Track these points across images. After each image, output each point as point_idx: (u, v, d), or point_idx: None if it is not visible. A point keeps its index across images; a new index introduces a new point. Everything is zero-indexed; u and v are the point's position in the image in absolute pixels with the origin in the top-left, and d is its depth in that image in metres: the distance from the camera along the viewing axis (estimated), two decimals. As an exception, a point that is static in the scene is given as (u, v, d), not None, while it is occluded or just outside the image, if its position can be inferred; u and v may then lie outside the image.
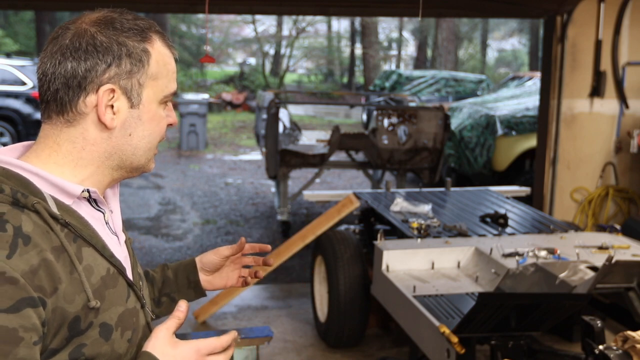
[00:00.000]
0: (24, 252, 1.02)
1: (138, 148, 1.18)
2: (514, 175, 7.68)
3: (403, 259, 3.45)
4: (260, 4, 6.27)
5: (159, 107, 1.20)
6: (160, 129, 1.21)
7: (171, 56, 1.22)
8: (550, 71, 5.63)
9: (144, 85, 1.16)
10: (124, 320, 1.15)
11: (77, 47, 1.12)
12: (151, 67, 1.16)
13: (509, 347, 2.61)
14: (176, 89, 1.24)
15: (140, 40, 1.15)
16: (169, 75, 1.20)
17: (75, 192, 1.13)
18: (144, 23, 1.18)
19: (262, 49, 26.84)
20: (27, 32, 22.43)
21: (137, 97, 1.15)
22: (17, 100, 11.33)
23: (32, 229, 1.04)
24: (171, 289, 1.55)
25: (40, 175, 1.11)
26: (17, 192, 1.06)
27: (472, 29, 29.29)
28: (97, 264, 1.12)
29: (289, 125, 8.26)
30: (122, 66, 1.13)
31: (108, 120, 1.13)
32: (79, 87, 1.12)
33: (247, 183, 9.97)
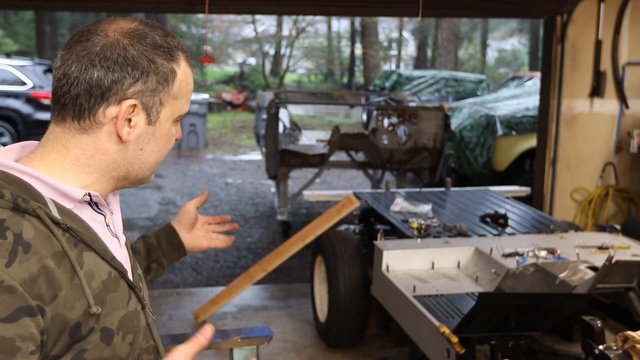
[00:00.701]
0: (24, 260, 1.01)
1: (146, 162, 1.19)
2: (514, 175, 7.68)
3: (403, 259, 3.45)
4: (260, 4, 6.27)
5: (172, 125, 1.20)
6: (170, 145, 1.23)
7: (192, 76, 1.22)
8: (550, 71, 5.63)
9: (164, 104, 1.16)
10: (125, 324, 1.14)
11: (107, 57, 1.10)
12: (174, 86, 1.17)
13: (509, 347, 2.61)
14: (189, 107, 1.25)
15: (169, 59, 1.15)
16: (187, 95, 1.21)
17: (76, 196, 1.12)
18: (174, 41, 1.17)
19: (262, 49, 26.84)
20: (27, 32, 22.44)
21: (155, 115, 1.16)
22: (17, 100, 11.33)
23: (33, 235, 1.04)
24: (157, 254, 1.61)
25: (41, 179, 1.10)
26: (18, 198, 1.05)
27: (472, 29, 29.30)
28: (99, 268, 1.12)
29: (289, 125, 8.26)
30: (149, 83, 1.13)
31: (124, 134, 1.13)
32: (101, 97, 1.11)
33: (247, 183, 9.97)
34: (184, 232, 1.65)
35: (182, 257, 1.65)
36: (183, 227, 1.65)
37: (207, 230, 1.70)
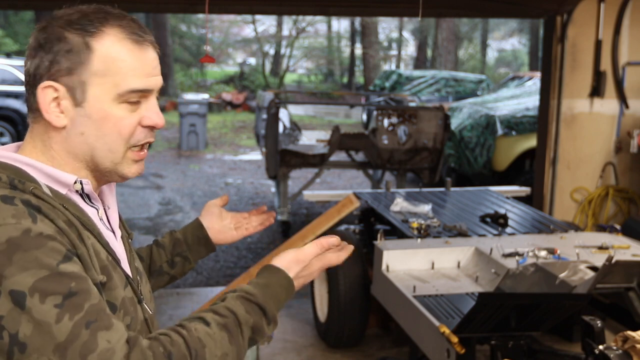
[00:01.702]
0: (43, 219, 1.05)
1: (96, 149, 1.15)
2: (514, 175, 7.67)
3: (403, 259, 3.45)
4: (260, 4, 6.27)
5: (115, 106, 1.13)
6: (120, 130, 1.14)
7: (131, 51, 1.13)
8: (550, 71, 5.63)
9: (87, 82, 1.11)
10: (125, 305, 1.16)
11: (31, 45, 1.13)
12: (94, 63, 1.11)
13: (509, 347, 2.61)
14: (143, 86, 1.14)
15: (85, 34, 1.10)
16: (124, 71, 1.12)
17: (68, 181, 1.14)
18: (103, 18, 1.12)
19: (262, 49, 26.84)
20: (27, 32, 22.40)
21: (81, 95, 1.11)
22: (17, 100, 11.33)
23: (40, 203, 1.07)
24: (182, 248, 1.59)
25: (34, 165, 1.12)
26: (14, 179, 1.08)
27: (472, 29, 29.29)
28: (98, 249, 1.14)
29: (289, 125, 8.26)
30: (62, 63, 1.10)
31: (53, 118, 1.12)
32: (32, 85, 1.12)
33: (247, 183, 9.97)
34: (211, 225, 1.62)
35: (212, 251, 1.63)
36: (208, 220, 1.62)
37: (240, 222, 1.66)
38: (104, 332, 1.00)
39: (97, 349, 0.98)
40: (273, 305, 1.20)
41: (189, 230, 1.61)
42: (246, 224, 1.65)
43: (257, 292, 1.19)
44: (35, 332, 0.97)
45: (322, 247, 1.27)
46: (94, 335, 0.99)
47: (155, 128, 1.18)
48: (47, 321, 0.98)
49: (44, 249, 1.01)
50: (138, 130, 1.17)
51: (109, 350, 0.99)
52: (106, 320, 1.02)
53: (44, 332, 0.97)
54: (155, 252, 1.57)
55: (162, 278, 1.60)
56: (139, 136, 1.17)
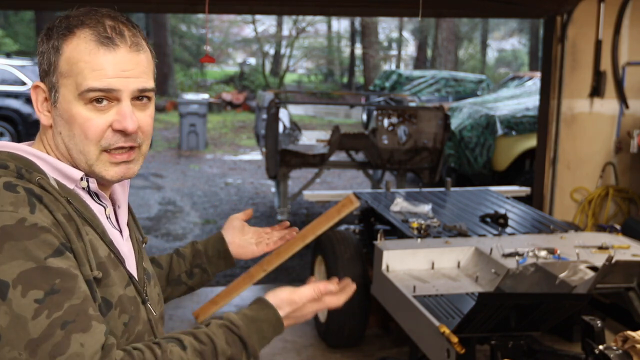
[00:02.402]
0: (42, 209, 1.06)
1: (70, 149, 1.16)
2: (514, 175, 7.67)
3: (403, 259, 3.45)
4: (260, 4, 6.27)
5: (80, 106, 1.13)
6: (85, 131, 1.14)
7: (93, 52, 1.12)
8: (550, 71, 5.63)
9: (58, 83, 1.15)
10: (122, 303, 1.16)
11: None
12: (61, 65, 1.14)
13: (509, 347, 2.61)
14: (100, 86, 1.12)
15: (58, 39, 1.14)
16: (84, 72, 1.12)
17: (75, 176, 1.16)
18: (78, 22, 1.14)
19: (262, 49, 26.83)
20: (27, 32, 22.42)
21: (55, 96, 1.16)
22: (17, 100, 11.32)
23: (42, 193, 1.09)
24: (202, 260, 1.60)
25: (45, 159, 1.16)
26: (22, 169, 1.11)
27: (472, 29, 29.29)
28: (99, 245, 1.15)
29: (289, 125, 8.25)
30: (43, 65, 1.17)
31: (42, 117, 1.19)
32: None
33: (247, 183, 9.97)
34: (232, 239, 1.63)
35: (231, 266, 1.63)
36: (230, 234, 1.63)
37: (261, 236, 1.68)
38: (80, 334, 1.00)
39: (67, 352, 0.99)
40: (256, 340, 1.19)
41: (210, 243, 1.62)
42: (267, 238, 1.68)
43: (242, 325, 1.18)
44: (11, 325, 0.98)
45: (319, 293, 1.28)
46: (67, 337, 0.99)
47: (126, 132, 1.15)
48: (25, 315, 0.98)
49: (35, 240, 1.02)
50: (108, 133, 1.15)
51: (79, 356, 0.99)
52: (85, 322, 1.02)
53: (19, 325, 0.98)
54: (175, 261, 1.58)
55: (179, 287, 1.59)
56: (109, 139, 1.15)
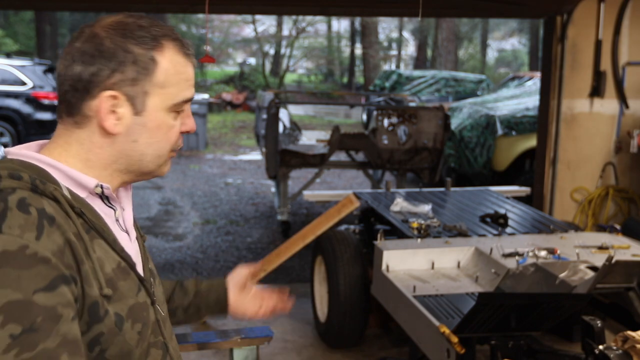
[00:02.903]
0: (51, 233, 1.04)
1: (145, 154, 1.20)
2: (514, 175, 7.67)
3: (403, 259, 3.45)
4: (260, 4, 6.27)
5: (167, 115, 1.19)
6: (169, 137, 1.21)
7: (186, 64, 1.21)
8: (550, 71, 5.63)
9: (149, 93, 1.16)
10: (134, 313, 1.16)
11: (85, 51, 1.14)
12: (157, 75, 1.16)
13: (509, 347, 2.61)
14: (191, 96, 1.23)
15: (150, 48, 1.15)
16: (181, 83, 1.19)
17: (89, 185, 1.16)
18: (159, 30, 1.17)
19: (262, 49, 26.84)
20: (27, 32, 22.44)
21: (141, 105, 1.16)
22: (17, 100, 11.32)
23: (54, 211, 1.07)
24: (201, 301, 1.63)
25: (57, 167, 1.14)
26: (36, 179, 1.09)
27: (472, 29, 29.29)
28: (108, 257, 1.14)
29: (289, 125, 8.26)
30: (127, 73, 1.14)
31: (109, 126, 1.15)
32: (84, 90, 1.14)
33: (247, 183, 9.97)
34: (234, 292, 1.66)
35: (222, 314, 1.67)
36: (232, 288, 1.66)
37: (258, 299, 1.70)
38: None
39: None
40: None
41: (213, 288, 1.64)
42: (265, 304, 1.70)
43: None
44: None
45: None
46: None
47: (189, 132, 1.25)
48: None
49: (30, 271, 1.00)
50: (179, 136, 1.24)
51: None
52: None
53: None
54: (177, 293, 1.61)
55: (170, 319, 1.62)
56: (179, 141, 1.24)
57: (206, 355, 4.07)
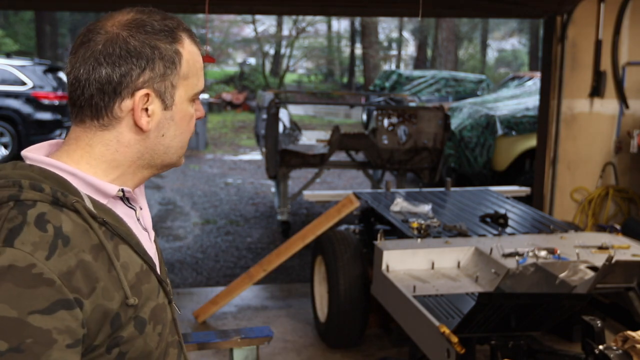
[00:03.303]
0: (63, 254, 1.03)
1: (170, 147, 1.21)
2: (514, 175, 7.68)
3: (403, 259, 3.45)
4: (260, 4, 6.27)
5: (189, 105, 1.21)
6: (191, 126, 1.23)
7: (199, 53, 1.23)
8: (550, 71, 5.63)
9: (176, 86, 1.17)
10: (156, 315, 1.17)
11: (110, 53, 1.12)
12: (182, 67, 1.17)
13: (509, 347, 2.61)
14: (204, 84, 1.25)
15: (172, 42, 1.16)
16: (198, 72, 1.22)
17: (111, 192, 1.15)
18: (172, 22, 1.18)
19: (262, 49, 26.83)
20: (27, 32, 22.43)
21: (170, 99, 1.17)
22: (17, 100, 11.32)
23: (72, 229, 1.06)
24: None
25: (77, 175, 1.13)
26: (57, 192, 1.07)
27: (472, 29, 29.29)
28: (133, 261, 1.14)
29: (289, 125, 8.26)
30: (156, 69, 1.14)
31: (144, 123, 1.15)
32: (114, 92, 1.13)
33: (247, 183, 9.97)
34: None
35: None
36: None
37: None
38: None
39: None
40: None
41: None
42: None
43: None
44: None
45: None
46: None
47: (200, 118, 1.27)
48: None
49: (31, 291, 0.99)
50: None
51: None
52: None
53: None
54: None
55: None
56: (194, 129, 1.27)
57: (206, 355, 4.07)
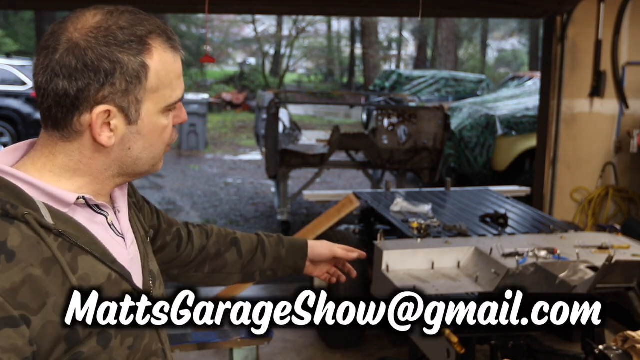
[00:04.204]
0: (6, 269, 0.97)
1: (139, 159, 1.15)
2: (514, 175, 7.68)
3: (403, 259, 3.45)
4: (260, 4, 6.27)
5: (160, 117, 1.13)
6: (164, 138, 1.16)
7: (175, 61, 1.13)
8: (550, 71, 5.63)
9: (142, 100, 1.09)
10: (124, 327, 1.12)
11: (67, 65, 1.04)
12: (150, 80, 1.09)
13: (509, 347, 2.61)
14: (182, 93, 1.17)
15: (137, 54, 1.07)
16: (173, 83, 1.13)
17: (69, 200, 1.09)
18: (143, 29, 1.08)
19: (262, 49, 26.84)
20: (27, 32, 22.43)
21: (135, 114, 1.10)
22: (17, 100, 11.32)
23: (19, 243, 1.00)
24: (279, 266, 1.69)
25: (34, 184, 1.07)
26: (7, 204, 1.02)
27: (472, 29, 29.29)
28: (96, 272, 1.09)
29: (289, 125, 8.26)
30: (117, 85, 1.06)
31: (104, 139, 1.09)
32: (72, 106, 1.06)
33: (247, 183, 9.97)
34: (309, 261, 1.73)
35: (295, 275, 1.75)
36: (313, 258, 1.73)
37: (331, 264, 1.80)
38: None
39: None
40: None
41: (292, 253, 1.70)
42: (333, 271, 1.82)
43: None
44: None
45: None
46: None
47: (182, 122, 1.21)
48: None
49: None
50: (173, 131, 1.20)
51: None
52: None
53: None
54: (258, 257, 1.66)
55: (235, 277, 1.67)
56: (172, 136, 1.20)
57: (206, 355, 4.07)
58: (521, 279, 3.05)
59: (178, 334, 2.42)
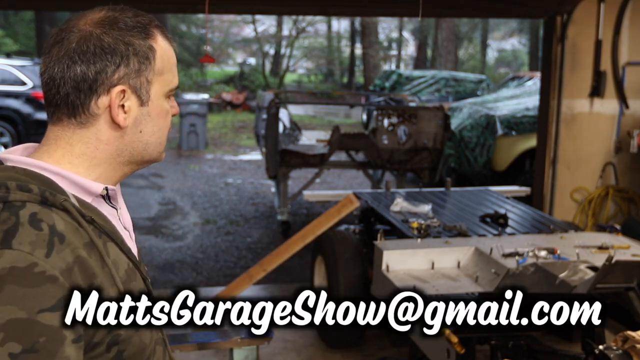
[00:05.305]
0: (60, 251, 1.03)
1: (149, 143, 1.21)
2: (514, 175, 7.68)
3: (403, 259, 3.45)
4: (260, 4, 6.27)
5: (165, 101, 1.22)
6: (167, 122, 1.24)
7: (171, 50, 1.23)
8: (550, 71, 5.63)
9: (151, 82, 1.18)
10: None
11: (84, 51, 1.12)
12: (157, 63, 1.18)
13: (509, 347, 2.61)
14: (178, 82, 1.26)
15: (145, 38, 1.17)
16: (172, 69, 1.22)
17: (96, 190, 1.16)
18: (145, 19, 1.18)
19: (262, 49, 26.83)
20: (27, 32, 22.43)
21: (146, 95, 1.17)
22: (17, 100, 11.32)
23: (64, 227, 1.06)
24: None
25: (62, 174, 1.13)
26: (45, 191, 1.07)
27: (472, 29, 29.29)
28: (120, 259, 1.15)
29: (289, 125, 8.26)
30: (131, 65, 1.15)
31: (121, 120, 1.15)
32: (90, 90, 1.13)
33: (247, 183, 9.97)
34: None
35: None
36: None
37: None
38: None
39: None
40: None
41: None
42: None
43: None
44: None
45: None
46: None
47: (175, 115, 1.28)
48: None
49: (36, 289, 0.99)
50: None
51: None
52: None
53: None
54: None
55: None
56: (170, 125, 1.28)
57: (206, 355, 4.07)
58: (521, 279, 3.05)
59: (178, 334, 2.42)
